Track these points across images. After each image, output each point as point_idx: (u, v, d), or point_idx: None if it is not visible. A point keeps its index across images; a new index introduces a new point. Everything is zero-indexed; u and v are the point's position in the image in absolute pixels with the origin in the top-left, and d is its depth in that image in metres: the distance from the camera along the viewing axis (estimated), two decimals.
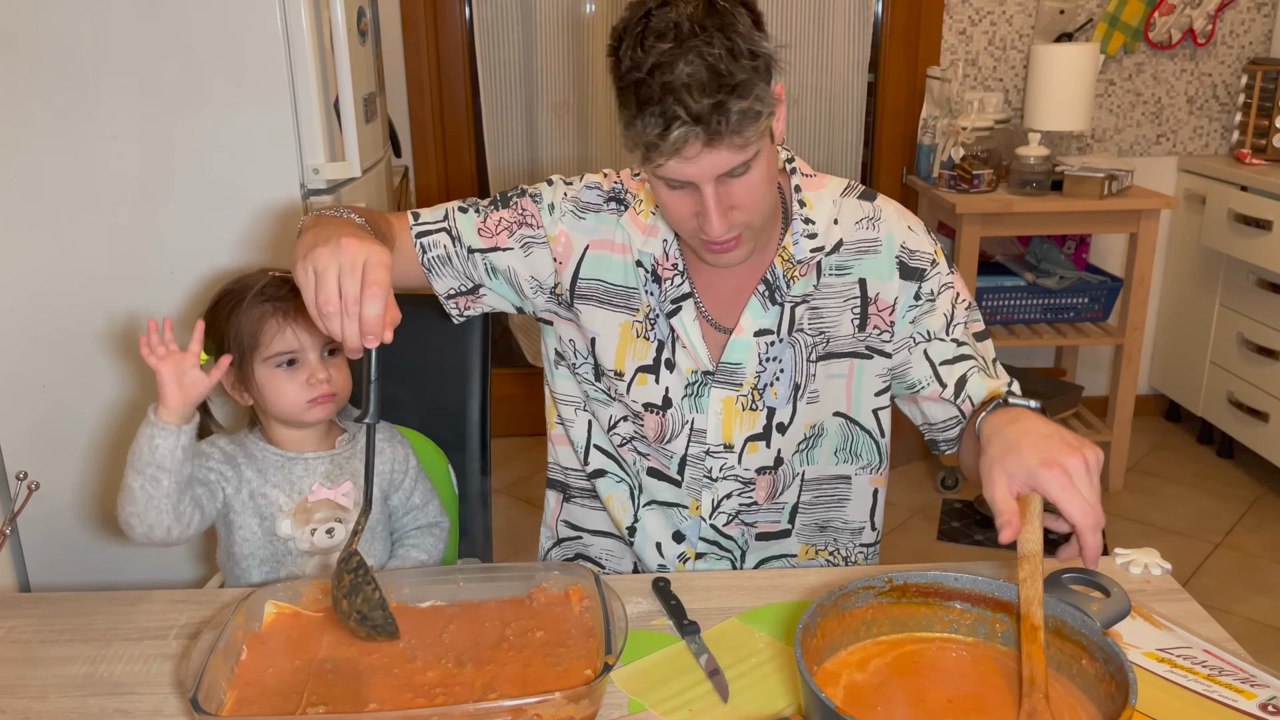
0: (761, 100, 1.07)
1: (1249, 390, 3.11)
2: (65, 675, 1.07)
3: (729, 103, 1.05)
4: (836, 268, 1.27)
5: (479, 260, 1.32)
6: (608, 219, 1.32)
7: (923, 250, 1.28)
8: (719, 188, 1.12)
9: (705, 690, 1.02)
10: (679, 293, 1.29)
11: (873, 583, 0.99)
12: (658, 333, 1.30)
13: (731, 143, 1.07)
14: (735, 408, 1.30)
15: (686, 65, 1.05)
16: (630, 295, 1.31)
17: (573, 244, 1.32)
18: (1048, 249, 3.28)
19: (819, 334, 1.28)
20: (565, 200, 1.32)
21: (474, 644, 1.06)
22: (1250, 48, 3.32)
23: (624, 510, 1.40)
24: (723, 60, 1.05)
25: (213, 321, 1.26)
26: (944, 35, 3.28)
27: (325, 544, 1.27)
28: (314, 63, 1.85)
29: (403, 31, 3.21)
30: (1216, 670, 0.99)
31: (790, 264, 1.26)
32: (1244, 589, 2.64)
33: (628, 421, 1.35)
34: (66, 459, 1.99)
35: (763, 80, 1.07)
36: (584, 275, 1.32)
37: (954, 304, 1.28)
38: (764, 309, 1.27)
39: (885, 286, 1.27)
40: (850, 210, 1.29)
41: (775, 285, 1.27)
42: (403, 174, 3.16)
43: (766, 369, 1.28)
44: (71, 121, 1.84)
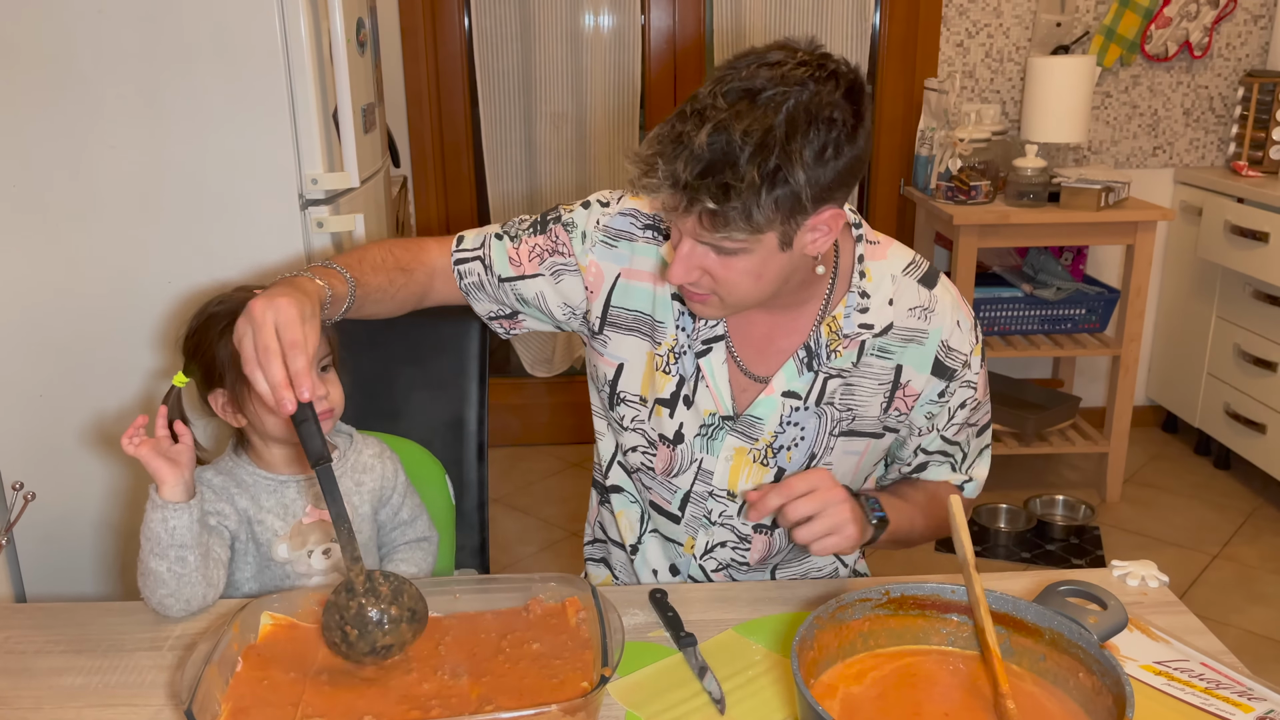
0: (748, 218, 1.03)
1: (1246, 402, 3.11)
2: (60, 686, 1.06)
3: (702, 195, 1.02)
4: (880, 350, 1.25)
5: (508, 289, 1.34)
6: (643, 248, 1.29)
7: (960, 350, 1.25)
8: (699, 249, 1.10)
9: (702, 702, 1.02)
10: (712, 334, 1.26)
11: (869, 595, 0.99)
12: (680, 368, 1.28)
13: (709, 231, 1.06)
14: (747, 459, 1.28)
15: (707, 134, 1.02)
16: (656, 327, 1.29)
17: (603, 274, 1.30)
18: (1045, 260, 3.29)
19: (846, 410, 1.26)
20: (597, 229, 1.30)
21: (470, 655, 1.06)
22: (1247, 60, 3.33)
23: (631, 530, 1.41)
24: (740, 159, 1.01)
25: (200, 344, 1.24)
26: (941, 47, 3.29)
27: (322, 565, 1.26)
28: (313, 73, 1.86)
29: (402, 42, 3.22)
30: (1214, 683, 0.99)
31: (836, 336, 1.23)
32: (1241, 600, 2.64)
33: (636, 452, 1.34)
34: (63, 469, 1.99)
35: (770, 200, 1.02)
36: (615, 304, 1.30)
37: (965, 404, 1.28)
38: (799, 374, 1.25)
39: (917, 377, 1.26)
40: (908, 294, 1.24)
41: (816, 353, 1.24)
42: (401, 184, 3.17)
43: (786, 431, 1.26)
44: (71, 131, 1.84)
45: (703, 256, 1.11)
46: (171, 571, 1.15)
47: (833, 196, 1.07)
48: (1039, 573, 1.21)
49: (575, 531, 3.02)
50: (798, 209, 1.05)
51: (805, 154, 1.02)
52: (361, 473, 1.32)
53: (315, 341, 1.07)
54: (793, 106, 1.02)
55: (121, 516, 2.03)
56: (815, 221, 1.09)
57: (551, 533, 3.03)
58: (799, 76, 1.03)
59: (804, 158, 1.02)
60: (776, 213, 1.04)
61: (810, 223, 1.09)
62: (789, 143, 1.01)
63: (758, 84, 1.03)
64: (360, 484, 1.31)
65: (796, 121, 1.01)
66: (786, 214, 1.05)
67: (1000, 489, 3.24)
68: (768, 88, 1.02)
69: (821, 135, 1.02)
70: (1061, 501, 3.07)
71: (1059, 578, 1.04)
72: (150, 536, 1.15)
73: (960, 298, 1.28)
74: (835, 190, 1.07)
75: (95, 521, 2.02)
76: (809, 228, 1.09)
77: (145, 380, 1.96)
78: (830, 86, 1.04)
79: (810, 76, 1.03)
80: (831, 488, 1.14)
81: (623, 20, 3.29)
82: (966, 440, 1.32)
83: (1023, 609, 0.97)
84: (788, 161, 1.01)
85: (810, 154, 1.02)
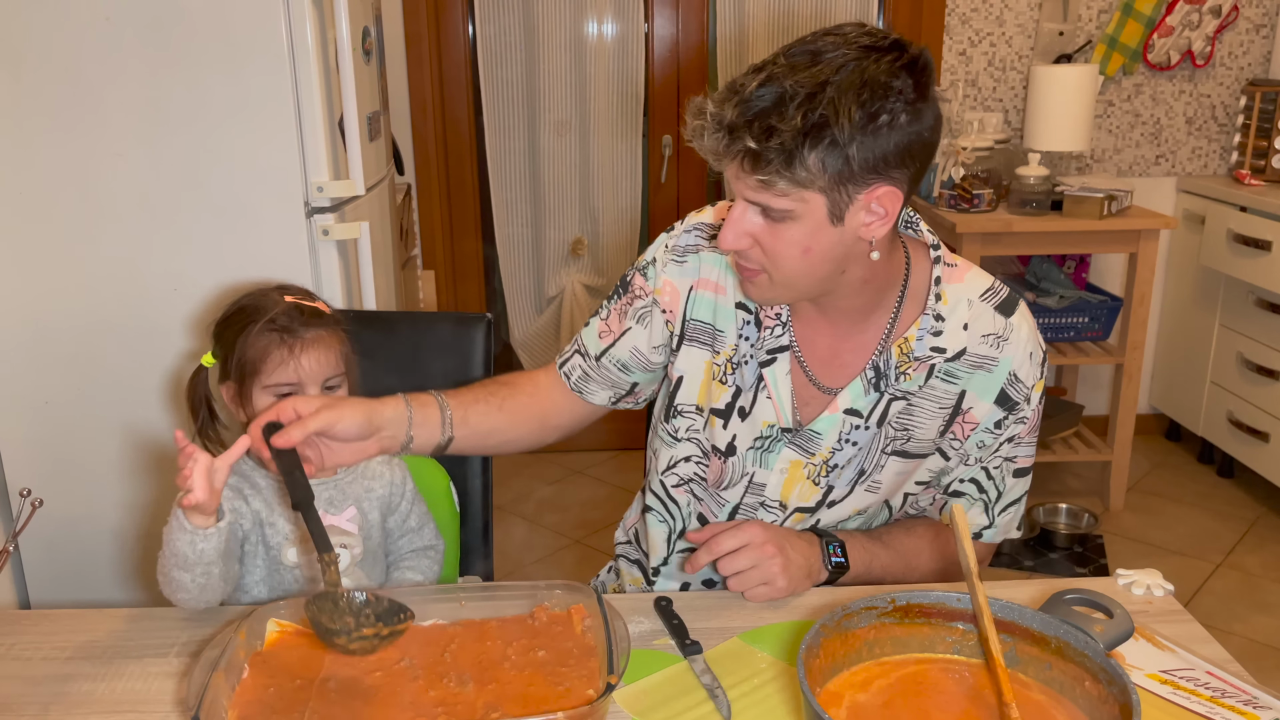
0: (788, 163, 1.03)
1: (1249, 410, 3.11)
2: (67, 693, 1.07)
3: (743, 133, 1.03)
4: (947, 374, 1.23)
5: (607, 362, 1.35)
6: (709, 258, 1.29)
7: (1026, 384, 1.23)
8: (750, 212, 1.10)
9: (707, 710, 1.02)
10: (777, 343, 1.25)
11: (875, 603, 0.99)
12: (738, 379, 1.28)
13: (750, 174, 1.06)
14: (801, 473, 1.27)
15: (759, 82, 1.03)
16: (717, 336, 1.29)
17: (678, 290, 1.30)
18: (1047, 268, 3.29)
19: (903, 430, 1.24)
20: (666, 253, 1.31)
21: (476, 663, 1.06)
22: (1249, 69, 3.34)
23: (656, 551, 1.41)
24: (789, 106, 1.01)
25: (222, 334, 1.27)
26: (944, 56, 3.30)
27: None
28: (319, 81, 1.87)
29: (406, 50, 3.23)
30: (1219, 692, 0.99)
31: (907, 358, 1.21)
32: (1245, 609, 2.63)
33: (690, 462, 1.34)
34: (68, 476, 1.99)
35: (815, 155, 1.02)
36: (690, 316, 1.30)
37: (1013, 438, 1.26)
38: (865, 393, 1.23)
39: (980, 405, 1.23)
40: (983, 321, 1.22)
41: (884, 374, 1.22)
42: (405, 191, 3.18)
43: (843, 449, 1.25)
44: (77, 138, 1.85)
45: (752, 223, 1.10)
46: (195, 583, 1.16)
47: (888, 173, 1.06)
48: (1045, 581, 1.21)
49: (579, 540, 3.02)
50: (846, 174, 1.04)
51: (855, 113, 1.01)
52: (370, 480, 1.33)
53: (326, 419, 1.12)
54: (850, 68, 1.02)
55: (127, 524, 2.04)
56: (868, 198, 1.07)
57: (555, 540, 3.03)
58: (863, 43, 1.04)
59: (854, 117, 1.01)
60: (823, 172, 1.03)
61: (863, 198, 1.07)
62: (840, 98, 1.01)
63: (821, 46, 1.05)
64: (370, 490, 1.32)
65: (850, 81, 1.02)
66: (834, 177, 1.04)
67: None
68: (829, 50, 1.04)
69: (876, 100, 1.02)
70: (1065, 510, 3.06)
71: (1064, 586, 1.04)
72: (176, 552, 1.14)
73: (1036, 329, 1.25)
74: (891, 167, 1.05)
75: (100, 529, 2.03)
76: (863, 205, 1.08)
77: (152, 386, 1.96)
78: (893, 56, 1.04)
79: (874, 45, 1.04)
80: (762, 545, 1.17)
81: (626, 28, 3.30)
82: (1002, 478, 1.29)
83: (1029, 617, 0.97)
84: (834, 114, 1.01)
85: (861, 115, 1.02)
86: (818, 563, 1.22)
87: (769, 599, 1.18)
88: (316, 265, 1.94)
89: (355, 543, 1.29)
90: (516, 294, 3.54)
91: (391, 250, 2.40)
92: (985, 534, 1.32)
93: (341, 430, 1.15)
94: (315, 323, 1.25)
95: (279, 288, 1.30)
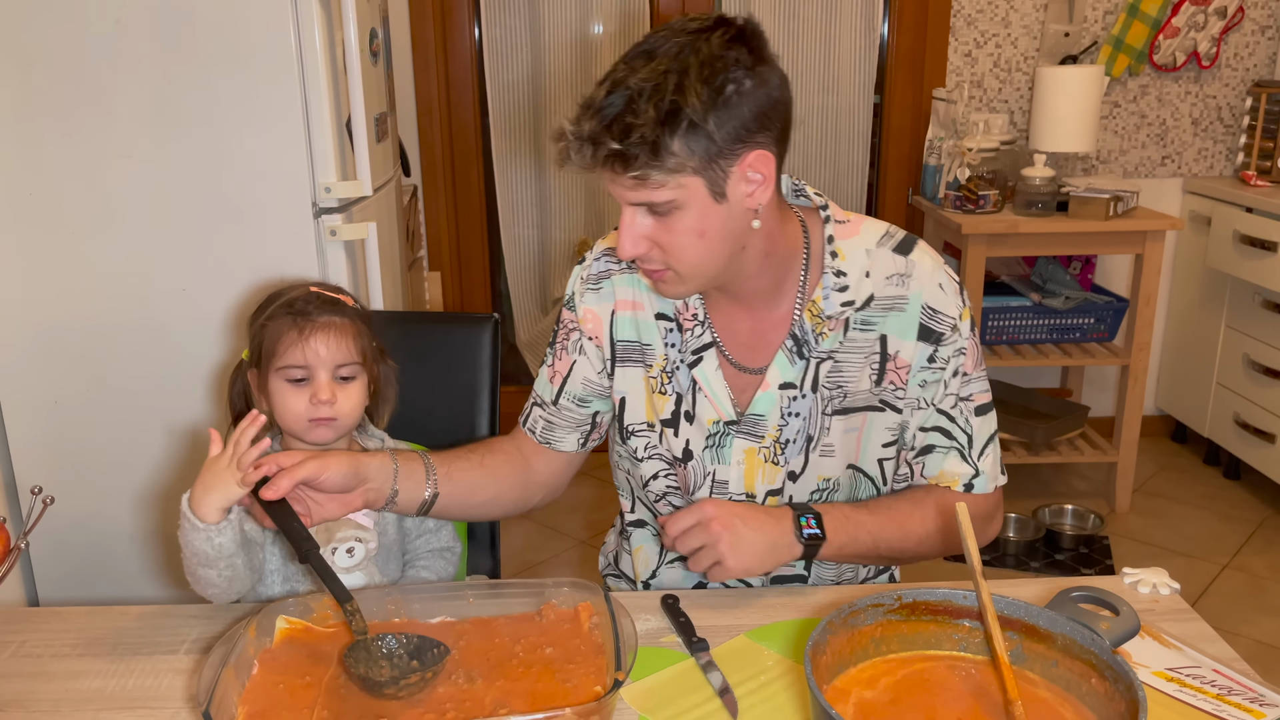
0: (655, 153, 1.06)
1: (1255, 411, 3.11)
2: (76, 689, 1.07)
3: (604, 138, 1.07)
4: (862, 323, 1.25)
5: (564, 402, 1.37)
6: (622, 279, 1.32)
7: (945, 313, 1.24)
8: (638, 215, 1.13)
9: (715, 707, 1.02)
10: (700, 342, 1.28)
11: (882, 600, 0.99)
12: (675, 385, 1.30)
13: (623, 175, 1.09)
14: (758, 459, 1.29)
15: (606, 90, 1.09)
16: (646, 350, 1.31)
17: (599, 317, 1.33)
18: (1053, 269, 3.29)
19: (836, 388, 1.26)
20: (581, 284, 1.35)
21: (484, 660, 1.06)
22: (1254, 70, 3.34)
23: (646, 566, 1.42)
24: (639, 102, 1.06)
25: (252, 324, 1.29)
26: (949, 57, 3.30)
27: (345, 563, 1.27)
28: (327, 83, 1.87)
29: (412, 52, 3.24)
30: (1226, 690, 1.00)
31: (819, 319, 1.24)
32: (1251, 610, 2.63)
33: (659, 478, 1.35)
34: (77, 475, 2.00)
35: (678, 140, 1.06)
36: (616, 339, 1.33)
37: (957, 372, 1.26)
38: (791, 363, 1.25)
39: (904, 345, 1.25)
40: (883, 264, 1.25)
41: (804, 340, 1.25)
42: (412, 193, 3.18)
43: (789, 423, 1.27)
44: (87, 140, 1.86)
45: (643, 224, 1.14)
46: (222, 576, 1.17)
47: (751, 139, 1.10)
48: (1051, 579, 1.21)
49: (584, 540, 3.02)
50: (714, 150, 1.08)
51: (701, 91, 1.06)
52: None
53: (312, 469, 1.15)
54: (686, 53, 1.07)
55: (135, 523, 2.04)
56: (741, 167, 1.11)
57: (561, 541, 3.03)
58: (690, 29, 1.10)
59: (701, 95, 1.06)
60: (691, 153, 1.07)
61: (737, 169, 1.11)
62: (684, 81, 1.06)
63: (653, 44, 1.10)
64: None
65: (688, 64, 1.07)
66: (704, 157, 1.08)
67: (1009, 498, 3.22)
68: (661, 44, 1.09)
69: (718, 74, 1.07)
70: (1070, 511, 3.06)
71: (1071, 584, 1.04)
72: (196, 551, 1.14)
73: (941, 262, 1.27)
74: (753, 132, 1.10)
75: (108, 528, 2.04)
76: (739, 176, 1.11)
77: (161, 386, 1.97)
78: (720, 32, 1.09)
79: (700, 28, 1.10)
80: (709, 522, 1.15)
81: (631, 28, 3.30)
82: (965, 420, 1.28)
83: (1035, 615, 0.97)
84: (682, 96, 1.06)
85: (708, 92, 1.06)
86: (786, 538, 1.19)
87: (724, 578, 1.17)
88: (324, 266, 1.95)
89: (370, 537, 1.29)
90: (522, 295, 3.55)
91: (398, 251, 2.41)
92: (976, 483, 1.29)
93: (327, 480, 1.16)
94: (330, 309, 1.26)
95: (311, 283, 1.31)
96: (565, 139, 1.11)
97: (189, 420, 1.98)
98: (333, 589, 1.09)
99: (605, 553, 1.55)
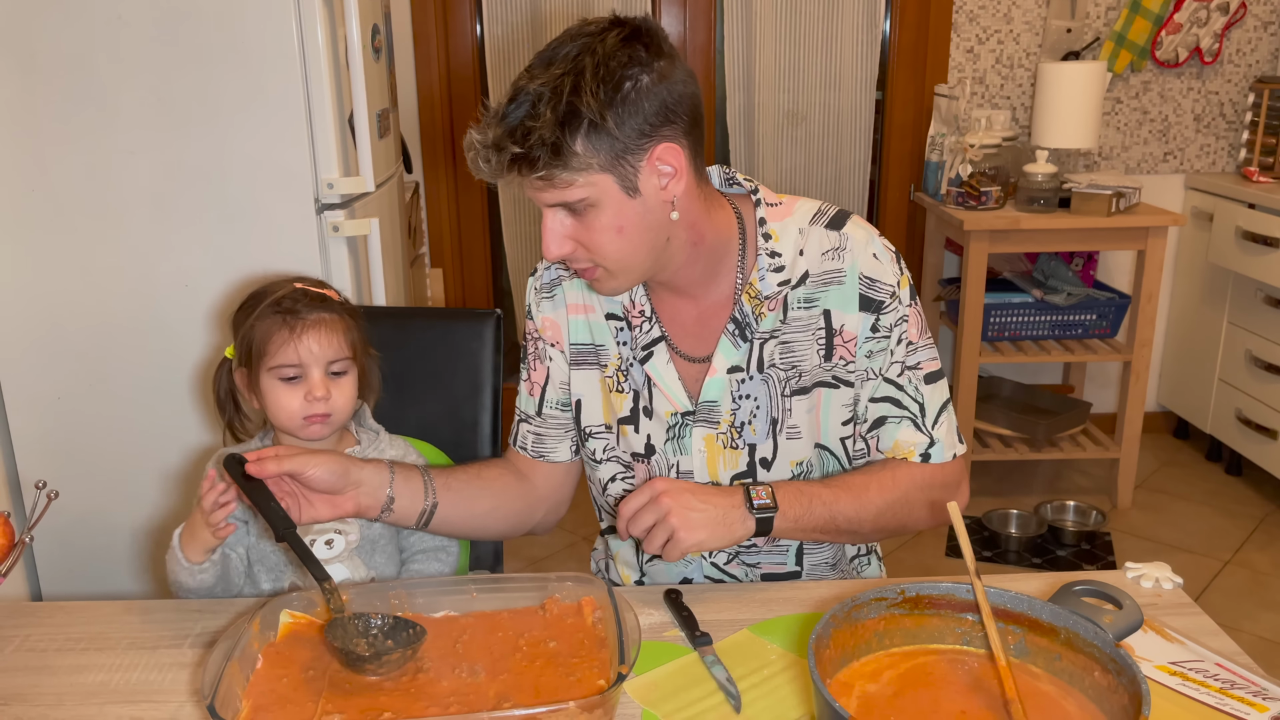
0: (557, 153, 1.08)
1: (1257, 407, 3.11)
2: (81, 683, 1.08)
3: (507, 143, 1.09)
4: (804, 301, 1.26)
5: (547, 411, 1.38)
6: (573, 284, 1.34)
7: (883, 281, 1.25)
8: (556, 216, 1.15)
9: (718, 701, 1.02)
10: (649, 338, 1.30)
11: (885, 594, 0.99)
12: (631, 382, 1.32)
13: (530, 176, 1.11)
14: (717, 445, 1.30)
15: (507, 98, 1.11)
16: (600, 351, 1.34)
17: (557, 323, 1.36)
18: (1055, 266, 3.29)
19: (790, 368, 1.27)
20: (536, 294, 1.38)
21: (488, 654, 1.06)
22: (1257, 66, 3.33)
23: (631, 567, 1.43)
24: (538, 106, 1.08)
25: (238, 322, 1.29)
26: (951, 53, 3.30)
27: (324, 555, 1.27)
28: (329, 78, 1.88)
29: (414, 48, 3.24)
30: (1228, 684, 1.00)
31: (758, 300, 1.25)
32: (1253, 606, 2.63)
33: (616, 481, 1.37)
34: (81, 470, 2.01)
35: (579, 139, 1.08)
36: (572, 342, 1.35)
37: (901, 340, 1.27)
38: (735, 347, 1.27)
39: (848, 318, 1.26)
40: (817, 240, 1.26)
41: (745, 323, 1.26)
42: (414, 190, 3.19)
43: (741, 406, 1.28)
44: (89, 136, 1.86)
45: (562, 224, 1.15)
46: (206, 590, 1.23)
47: (657, 133, 1.11)
48: (1054, 574, 1.21)
49: (585, 536, 3.02)
50: (619, 147, 1.10)
51: (599, 91, 1.08)
52: None
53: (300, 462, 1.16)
54: (583, 56, 1.09)
55: (137, 518, 2.05)
56: (650, 162, 1.12)
57: (562, 537, 3.04)
58: (587, 31, 1.11)
59: (598, 94, 1.08)
60: (595, 153, 1.09)
61: (645, 164, 1.12)
62: (580, 83, 1.08)
63: (553, 51, 1.11)
64: None
65: (582, 65, 1.08)
66: (609, 154, 1.10)
67: (1011, 494, 3.24)
68: (560, 49, 1.11)
69: (613, 73, 1.08)
70: (1072, 507, 3.06)
71: (1074, 578, 1.04)
72: (177, 581, 1.22)
73: (876, 234, 1.28)
74: (658, 126, 1.11)
75: (111, 523, 2.04)
76: (651, 170, 1.13)
77: (163, 382, 1.97)
78: (615, 32, 1.10)
79: (596, 30, 1.11)
80: (658, 498, 1.16)
81: None
82: (915, 388, 1.28)
83: (1038, 608, 0.97)
84: (578, 97, 1.07)
85: (605, 91, 1.08)
86: (738, 510, 1.19)
87: (678, 554, 1.15)
88: (327, 262, 1.95)
89: (350, 529, 1.29)
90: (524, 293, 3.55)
91: (400, 247, 2.41)
92: (933, 452, 1.29)
93: (314, 476, 1.17)
94: (319, 306, 1.26)
95: (294, 278, 1.31)
96: (474, 148, 1.13)
97: (191, 415, 1.99)
98: (310, 568, 1.10)
99: (595, 559, 1.57)
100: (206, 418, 1.98)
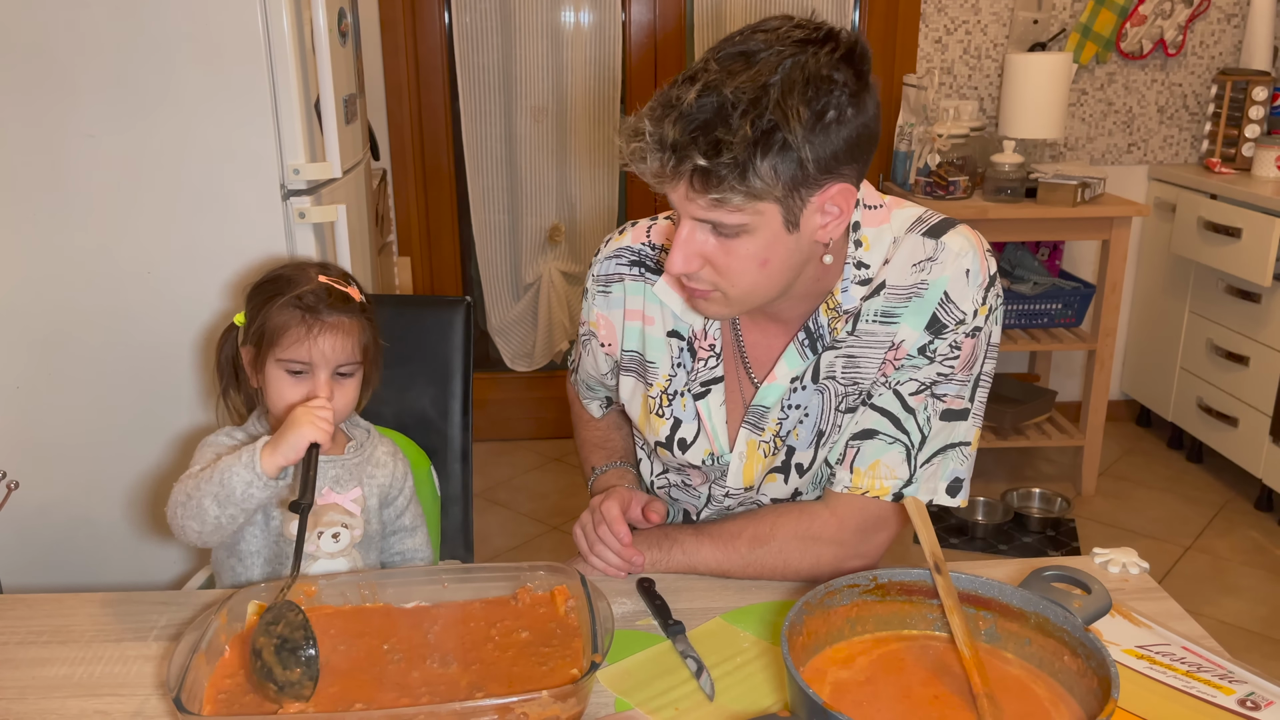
0: (742, 177, 0.96)
1: (1218, 395, 3.16)
2: (44, 676, 1.06)
3: (691, 151, 0.97)
4: (880, 314, 1.14)
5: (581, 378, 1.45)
6: (632, 286, 1.26)
7: (961, 305, 1.12)
8: (699, 231, 1.04)
9: (691, 689, 1.02)
10: (711, 375, 1.22)
11: (857, 581, 0.99)
12: (675, 410, 1.25)
13: (701, 194, 0.99)
14: (758, 453, 1.24)
15: (697, 93, 0.97)
16: (648, 368, 1.26)
17: (612, 323, 1.29)
18: (1021, 255, 3.32)
19: (852, 384, 1.17)
20: (594, 283, 1.29)
21: (460, 644, 1.06)
22: (1220, 58, 3.38)
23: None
24: (733, 115, 0.95)
25: (253, 297, 1.27)
26: (920, 44, 3.31)
27: (330, 548, 1.26)
28: (295, 63, 1.85)
29: (381, 34, 3.20)
30: (1195, 667, 1.01)
31: (835, 313, 1.15)
32: (1214, 591, 2.68)
33: (667, 473, 1.36)
34: (41, 461, 1.97)
35: (768, 164, 0.96)
36: (624, 348, 1.29)
37: (937, 361, 1.14)
38: (802, 358, 1.18)
39: (910, 334, 1.14)
40: (909, 249, 1.13)
41: (818, 335, 1.16)
42: (381, 177, 3.15)
43: (789, 415, 1.20)
44: (49, 120, 1.82)
45: (703, 242, 1.04)
46: (218, 520, 1.16)
47: (839, 169, 1.00)
48: (1023, 560, 1.22)
49: (556, 526, 3.02)
50: (801, 178, 0.99)
51: (803, 113, 0.96)
52: (375, 467, 1.32)
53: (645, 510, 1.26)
54: (789, 66, 0.97)
55: (98, 509, 2.01)
56: (823, 199, 1.02)
57: (533, 527, 3.03)
58: (796, 37, 0.99)
59: (802, 118, 0.96)
60: (777, 180, 0.98)
61: (817, 200, 1.02)
62: (785, 100, 0.96)
63: (752, 46, 0.99)
64: (372, 476, 1.31)
65: (792, 80, 0.96)
66: (789, 183, 0.98)
67: (978, 482, 3.26)
68: (762, 50, 0.98)
69: (821, 96, 0.97)
70: (1038, 494, 3.10)
71: (1044, 564, 1.05)
72: (223, 485, 1.14)
73: (981, 248, 1.14)
74: (842, 163, 1.00)
75: (72, 513, 2.00)
76: (817, 207, 1.03)
77: (123, 371, 1.94)
78: (829, 48, 0.99)
79: (807, 39, 0.99)
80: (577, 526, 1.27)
81: (603, 14, 3.28)
82: (926, 417, 1.15)
83: (1008, 594, 0.98)
84: (783, 119, 0.96)
85: (809, 115, 0.96)
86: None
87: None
88: (293, 248, 1.92)
89: (356, 524, 1.28)
90: (493, 281, 3.52)
91: (368, 235, 2.38)
92: (907, 493, 1.16)
93: (633, 510, 1.27)
94: (341, 308, 1.24)
95: (319, 265, 1.29)
96: (642, 139, 0.99)
97: (153, 404, 1.95)
98: (295, 554, 1.08)
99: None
100: (169, 406, 1.95)
